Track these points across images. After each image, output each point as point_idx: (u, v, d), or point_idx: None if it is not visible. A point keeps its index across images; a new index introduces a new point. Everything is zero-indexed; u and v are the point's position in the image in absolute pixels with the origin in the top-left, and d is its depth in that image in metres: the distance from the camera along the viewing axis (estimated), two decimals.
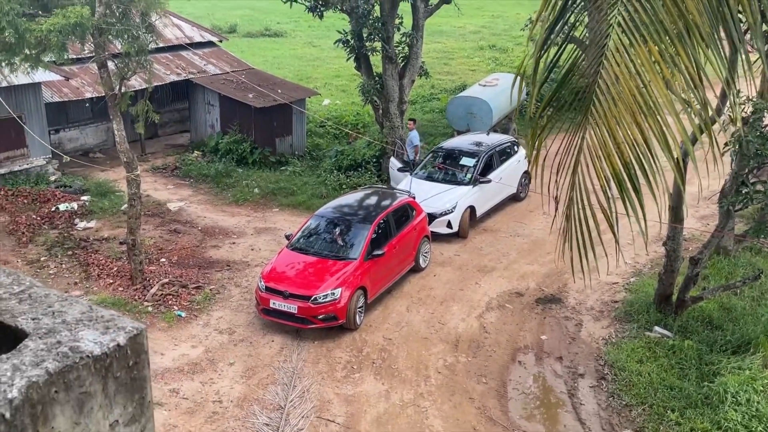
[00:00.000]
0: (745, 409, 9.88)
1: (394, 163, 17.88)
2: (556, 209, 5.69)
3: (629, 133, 5.07)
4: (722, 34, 5.24)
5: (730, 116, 10.18)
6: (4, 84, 16.54)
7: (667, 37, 4.96)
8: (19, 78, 15.56)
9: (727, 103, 10.03)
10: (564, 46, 5.93)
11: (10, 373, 1.39)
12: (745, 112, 10.99)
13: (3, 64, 13.01)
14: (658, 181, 5.21)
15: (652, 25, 5.01)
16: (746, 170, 11.63)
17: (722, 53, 5.16)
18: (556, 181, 5.70)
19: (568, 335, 12.66)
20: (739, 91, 10.16)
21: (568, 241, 5.61)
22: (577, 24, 6.46)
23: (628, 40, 5.05)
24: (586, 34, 5.90)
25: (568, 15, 5.81)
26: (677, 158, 5.17)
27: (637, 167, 5.15)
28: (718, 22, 4.98)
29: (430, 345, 12.21)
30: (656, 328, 12.35)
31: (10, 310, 1.60)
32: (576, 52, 5.85)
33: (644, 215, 5.38)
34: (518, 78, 5.68)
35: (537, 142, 5.79)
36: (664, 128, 5.01)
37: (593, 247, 5.65)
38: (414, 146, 18.01)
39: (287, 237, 13.74)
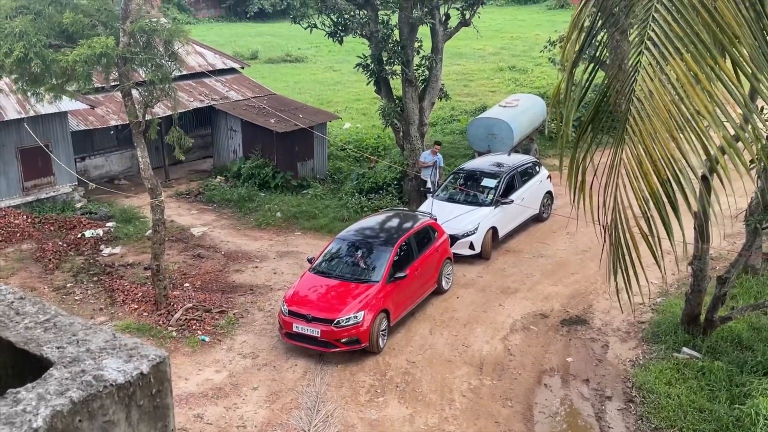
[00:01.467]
0: None
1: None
2: (604, 232, 5.63)
3: (666, 150, 5.00)
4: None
5: (755, 133, 10.05)
6: (32, 113, 16.89)
7: (706, 51, 4.90)
8: (46, 107, 15.89)
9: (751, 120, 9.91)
10: (595, 68, 5.90)
11: (35, 403, 1.40)
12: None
13: (29, 94, 13.29)
14: (692, 199, 5.14)
15: (687, 37, 4.95)
16: None
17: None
18: (600, 200, 5.66)
19: (594, 357, 12.48)
20: (762, 108, 10.06)
21: (610, 262, 5.56)
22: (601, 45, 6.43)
23: (662, 54, 5.00)
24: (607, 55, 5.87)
25: (593, 36, 5.78)
26: (703, 175, 5.14)
27: (674, 184, 5.06)
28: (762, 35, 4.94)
29: (454, 368, 12.10)
30: (684, 349, 12.13)
31: (35, 339, 1.62)
32: (606, 73, 5.82)
33: (683, 233, 5.31)
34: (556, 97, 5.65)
35: (578, 168, 5.73)
36: (704, 139, 4.94)
37: (634, 267, 5.59)
38: (440, 166, 18.18)
39: (309, 260, 13.77)
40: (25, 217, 17.37)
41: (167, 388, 1.59)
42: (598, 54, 6.02)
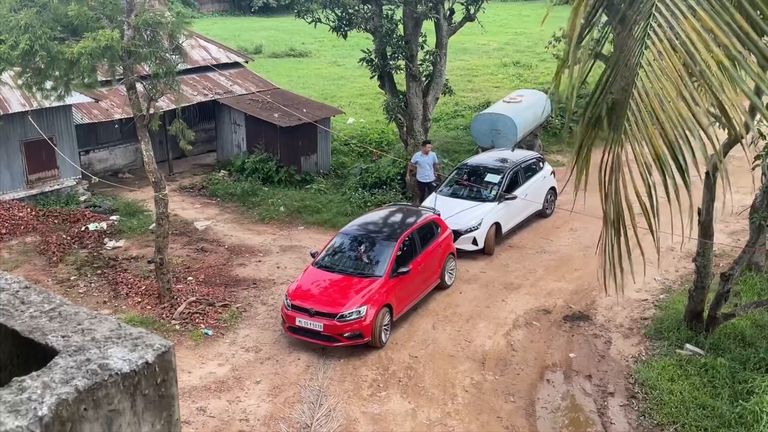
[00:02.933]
0: None
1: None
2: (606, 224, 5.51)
3: (674, 110, 4.88)
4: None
5: (759, 130, 10.03)
6: (36, 106, 16.90)
7: (721, 6, 4.78)
8: (54, 100, 15.90)
9: (757, 116, 9.89)
10: (601, 63, 5.78)
11: (40, 391, 1.41)
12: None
13: (35, 89, 13.29)
14: (700, 157, 5.01)
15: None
16: None
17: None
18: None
19: (597, 353, 12.48)
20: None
21: (605, 255, 5.45)
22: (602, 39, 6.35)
23: (673, 14, 4.86)
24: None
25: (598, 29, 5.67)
26: (706, 171, 5.07)
27: (683, 145, 4.90)
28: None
29: (457, 363, 12.11)
30: (687, 345, 12.13)
31: (40, 328, 1.62)
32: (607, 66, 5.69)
33: (690, 200, 5.14)
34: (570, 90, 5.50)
35: (582, 162, 5.59)
36: (717, 96, 4.78)
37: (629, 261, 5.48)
38: (435, 164, 17.87)
39: (312, 255, 13.78)
40: (29, 210, 17.40)
41: (172, 377, 1.59)
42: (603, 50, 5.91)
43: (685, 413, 10.47)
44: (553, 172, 18.53)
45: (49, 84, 13.10)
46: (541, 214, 17.87)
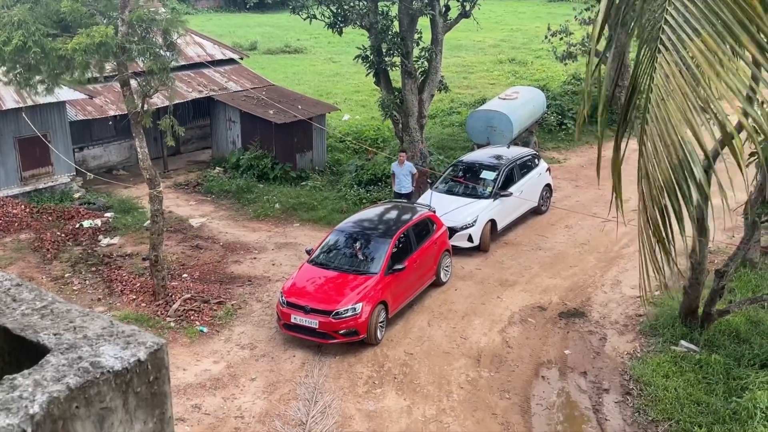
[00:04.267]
0: None
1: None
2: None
3: (679, 133, 4.90)
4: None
5: (754, 126, 10.03)
6: (30, 103, 16.83)
7: (725, 29, 4.80)
8: (44, 96, 15.84)
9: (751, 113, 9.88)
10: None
11: (31, 389, 1.39)
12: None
13: (23, 85, 13.21)
14: (702, 181, 5.03)
15: (705, 18, 4.85)
16: None
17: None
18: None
19: (592, 350, 12.50)
20: (763, 102, 10.03)
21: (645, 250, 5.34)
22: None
23: (678, 37, 4.88)
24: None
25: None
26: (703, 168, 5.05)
27: (684, 168, 4.92)
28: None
29: (452, 360, 12.12)
30: (682, 342, 12.16)
31: (32, 326, 1.60)
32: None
33: (693, 226, 5.18)
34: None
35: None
36: (720, 119, 4.81)
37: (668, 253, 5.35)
38: (413, 174, 17.16)
39: (308, 252, 13.76)
40: (23, 207, 17.34)
41: (165, 375, 1.58)
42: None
43: (680, 409, 10.51)
44: (548, 169, 18.55)
45: (38, 78, 13.03)
46: (536, 211, 17.89)
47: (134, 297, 13.91)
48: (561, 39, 24.79)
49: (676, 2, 4.98)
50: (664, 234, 5.19)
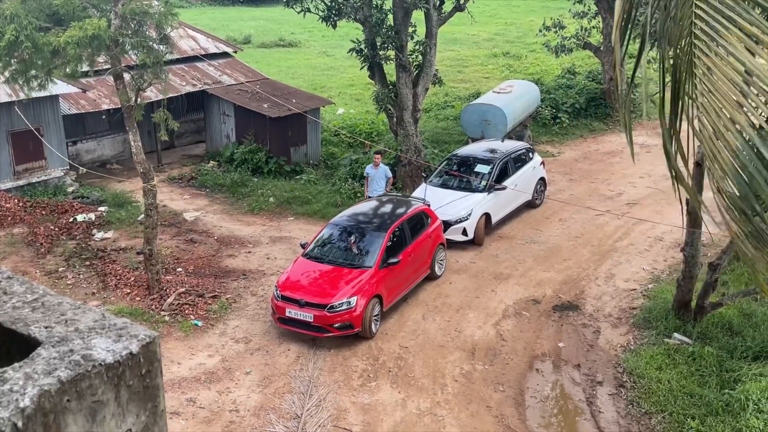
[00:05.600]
0: (767, 416, 9.74)
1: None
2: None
3: (732, 120, 4.70)
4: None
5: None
6: (22, 97, 16.75)
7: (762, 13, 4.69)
8: (37, 91, 15.76)
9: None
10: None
11: (22, 382, 1.39)
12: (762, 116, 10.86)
13: (20, 80, 13.14)
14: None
15: (739, 5, 4.74)
16: None
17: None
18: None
19: (585, 343, 12.55)
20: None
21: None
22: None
23: (713, 28, 4.77)
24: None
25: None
26: (696, 161, 5.02)
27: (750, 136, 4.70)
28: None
29: (447, 353, 12.15)
30: (675, 334, 12.21)
31: (23, 319, 1.60)
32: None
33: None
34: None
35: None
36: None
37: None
38: (387, 178, 16.70)
39: (302, 246, 13.76)
40: (16, 201, 17.28)
41: (157, 368, 1.58)
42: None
43: (673, 401, 10.56)
44: (542, 163, 18.57)
45: (32, 73, 12.96)
46: (530, 205, 17.92)
47: (128, 291, 13.89)
48: (555, 33, 24.79)
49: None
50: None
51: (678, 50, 5.02)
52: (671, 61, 5.14)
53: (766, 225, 4.60)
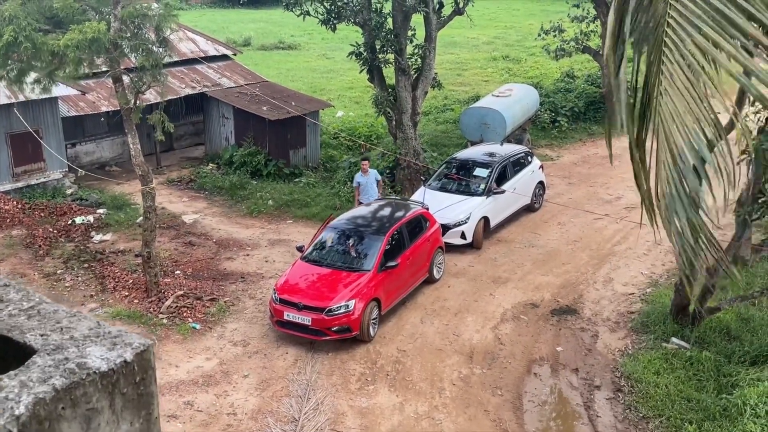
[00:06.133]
0: (765, 421, 9.73)
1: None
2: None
3: (683, 132, 4.86)
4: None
5: (746, 125, 10.07)
6: (22, 99, 16.76)
7: (724, 27, 4.82)
8: (37, 93, 15.79)
9: (743, 112, 9.95)
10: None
11: (17, 390, 1.40)
12: (761, 121, 10.90)
13: (20, 80, 13.16)
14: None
15: (707, 13, 4.85)
16: (763, 179, 11.52)
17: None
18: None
19: (583, 347, 12.55)
20: (754, 102, 10.08)
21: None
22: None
23: (678, 36, 4.88)
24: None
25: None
26: (694, 165, 5.03)
27: (689, 155, 4.86)
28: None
29: (445, 357, 12.15)
30: (673, 339, 12.22)
31: (18, 327, 1.61)
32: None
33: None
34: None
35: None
36: (714, 122, 4.80)
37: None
38: (378, 181, 16.60)
39: (299, 249, 13.74)
40: (15, 203, 17.28)
41: (151, 376, 1.59)
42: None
43: (671, 406, 10.56)
44: (541, 167, 18.59)
45: (32, 76, 12.98)
46: (529, 208, 17.93)
47: (127, 293, 13.89)
48: (554, 36, 24.83)
49: (677, 4, 4.96)
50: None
51: (650, 57, 5.14)
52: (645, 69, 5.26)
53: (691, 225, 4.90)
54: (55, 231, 16.35)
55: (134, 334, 1.60)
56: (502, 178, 17.05)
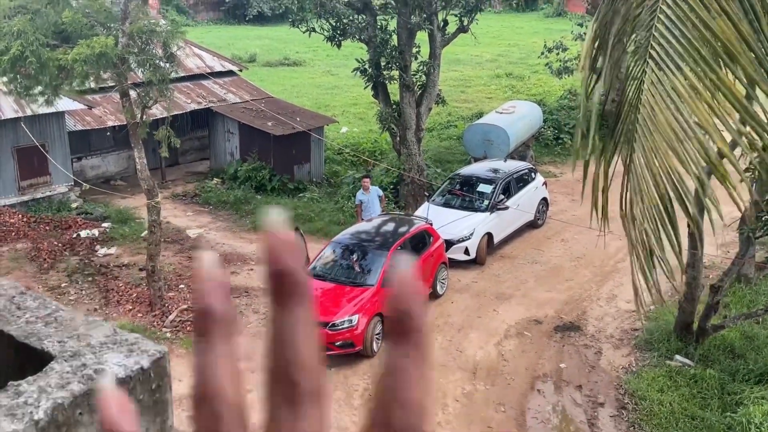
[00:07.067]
0: None
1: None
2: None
3: (665, 163, 5.05)
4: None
5: (749, 143, 10.11)
6: (29, 113, 16.88)
7: (705, 65, 4.97)
8: (42, 107, 15.92)
9: (747, 129, 9.97)
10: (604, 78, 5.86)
11: (36, 395, 1.43)
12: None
13: (24, 94, 13.28)
14: (692, 209, 5.17)
15: (687, 53, 5.01)
16: (767, 197, 11.53)
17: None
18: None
19: (587, 363, 12.52)
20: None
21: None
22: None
23: (661, 69, 5.06)
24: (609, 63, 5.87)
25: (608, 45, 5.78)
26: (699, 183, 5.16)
27: (672, 195, 5.11)
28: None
29: (448, 373, 12.12)
30: (677, 356, 12.18)
31: (36, 333, 1.64)
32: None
33: (679, 247, 5.34)
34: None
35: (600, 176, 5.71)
36: (703, 150, 4.97)
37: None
38: (380, 197, 16.56)
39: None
40: (20, 216, 17.34)
41: (167, 383, 1.62)
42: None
43: (675, 424, 10.51)
44: (545, 183, 18.62)
45: (38, 89, 13.10)
46: (532, 225, 17.94)
47: (131, 307, 13.90)
48: (557, 54, 24.96)
49: (660, 39, 5.12)
50: (653, 250, 5.36)
51: (628, 81, 5.32)
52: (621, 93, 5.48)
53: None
54: (60, 245, 16.40)
55: (150, 342, 1.63)
56: (505, 194, 17.08)
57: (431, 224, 15.04)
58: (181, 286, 14.92)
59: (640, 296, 5.61)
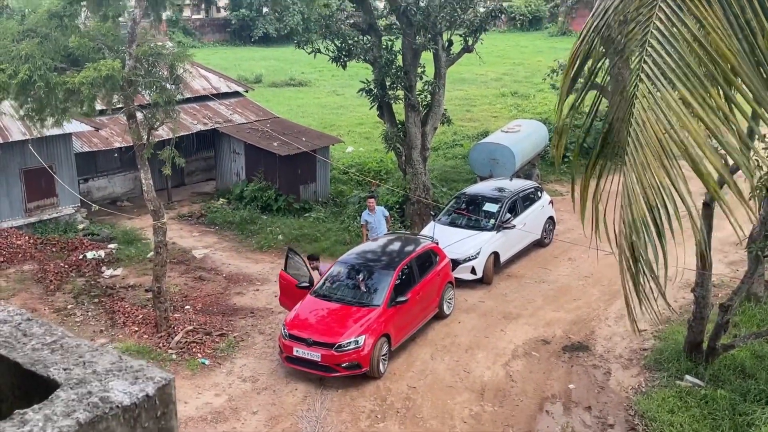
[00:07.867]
0: None
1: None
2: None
3: (655, 178, 5.09)
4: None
5: (756, 161, 10.08)
6: (36, 135, 16.99)
7: (696, 80, 4.99)
8: (51, 129, 16.02)
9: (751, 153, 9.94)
10: (598, 96, 5.98)
11: (42, 423, 1.41)
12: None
13: (35, 120, 13.38)
14: (682, 225, 5.19)
15: (680, 69, 5.03)
16: None
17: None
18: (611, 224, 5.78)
19: (596, 384, 12.40)
20: (765, 136, 10.11)
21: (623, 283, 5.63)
22: (598, 70, 6.52)
23: (654, 85, 5.09)
24: (609, 80, 5.94)
25: (595, 63, 5.86)
26: (704, 202, 5.17)
27: (662, 210, 5.14)
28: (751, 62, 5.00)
29: (456, 394, 12.02)
30: (687, 377, 12.06)
31: (42, 361, 1.62)
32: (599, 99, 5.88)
33: (665, 261, 5.35)
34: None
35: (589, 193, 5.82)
36: (700, 168, 5.00)
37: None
38: (386, 217, 16.51)
39: (298, 287, 13.47)
40: (27, 238, 17.39)
41: (172, 410, 1.60)
42: (600, 81, 6.08)
43: None
44: (551, 202, 18.59)
45: (47, 111, 13.20)
46: (539, 244, 17.89)
47: (136, 329, 13.87)
48: (560, 74, 25.03)
49: (653, 53, 5.15)
50: (640, 268, 5.47)
51: (620, 96, 5.40)
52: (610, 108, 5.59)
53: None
54: (66, 266, 16.41)
55: (156, 369, 1.61)
56: (511, 213, 17.06)
57: (437, 243, 15.00)
58: (187, 307, 14.89)
59: (633, 311, 5.62)
